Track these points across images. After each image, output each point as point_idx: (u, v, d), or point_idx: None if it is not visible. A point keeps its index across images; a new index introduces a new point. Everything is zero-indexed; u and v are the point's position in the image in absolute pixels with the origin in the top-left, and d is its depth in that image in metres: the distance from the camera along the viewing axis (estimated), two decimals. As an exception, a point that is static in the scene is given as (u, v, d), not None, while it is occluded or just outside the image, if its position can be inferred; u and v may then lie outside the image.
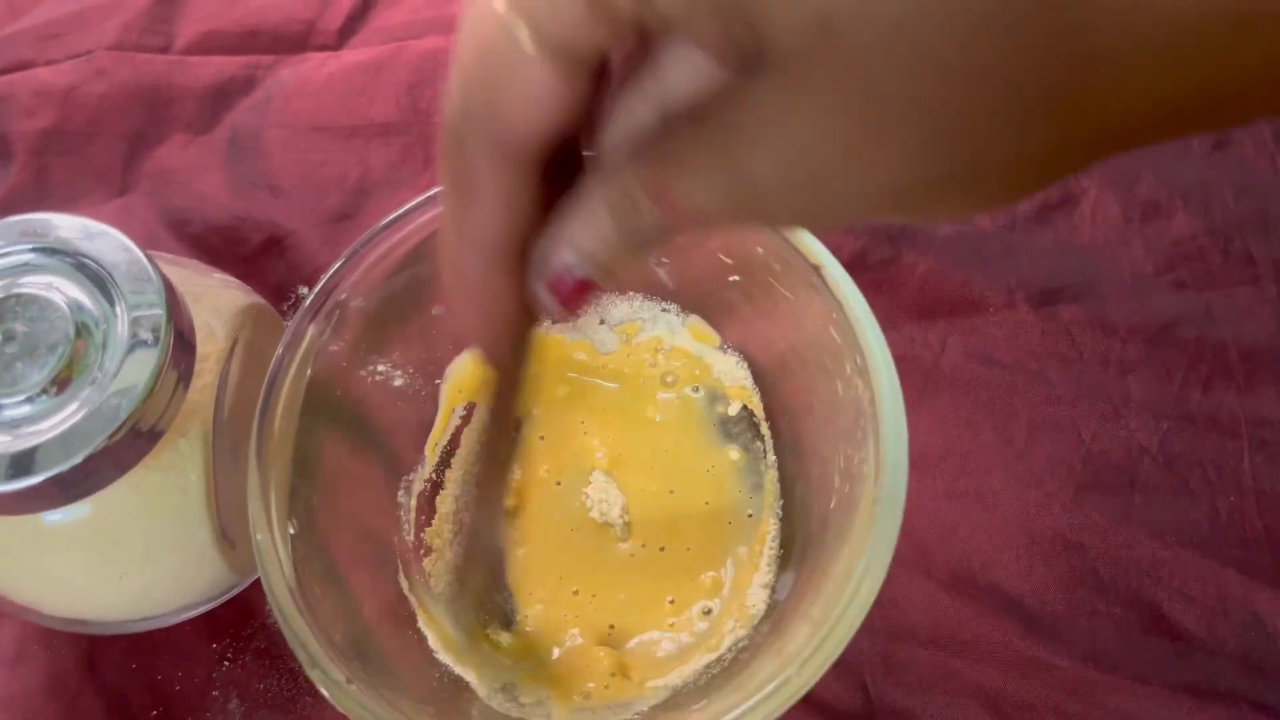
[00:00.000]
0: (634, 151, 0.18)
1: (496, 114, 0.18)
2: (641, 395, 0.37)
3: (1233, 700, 0.32)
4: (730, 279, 0.34)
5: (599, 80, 0.18)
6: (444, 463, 0.37)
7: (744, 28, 0.15)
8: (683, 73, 0.19)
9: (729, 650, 0.32)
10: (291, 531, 0.29)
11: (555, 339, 0.38)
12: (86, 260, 0.28)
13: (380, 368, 0.35)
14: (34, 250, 0.28)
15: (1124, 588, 0.34)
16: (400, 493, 0.36)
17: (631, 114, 0.19)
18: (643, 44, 0.19)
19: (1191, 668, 0.33)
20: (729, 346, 0.37)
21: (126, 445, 0.28)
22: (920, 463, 0.35)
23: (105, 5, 0.48)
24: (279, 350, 0.31)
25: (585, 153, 0.20)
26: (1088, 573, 0.34)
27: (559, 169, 0.19)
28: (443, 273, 0.21)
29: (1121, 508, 0.35)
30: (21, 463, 0.26)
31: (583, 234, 0.19)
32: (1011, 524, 0.35)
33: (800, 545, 0.33)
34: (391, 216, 0.32)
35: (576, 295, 0.20)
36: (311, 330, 0.31)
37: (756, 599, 0.33)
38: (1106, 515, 0.35)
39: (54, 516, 0.29)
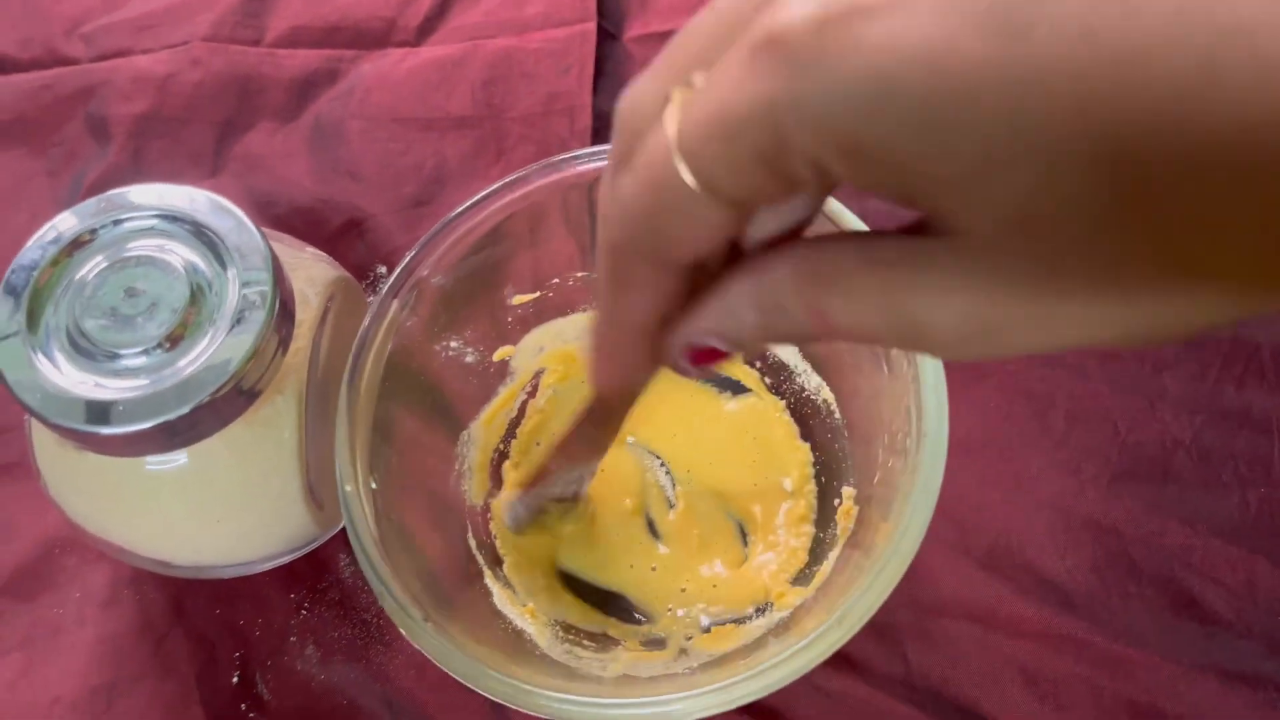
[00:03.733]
0: (784, 256, 0.19)
1: (660, 239, 0.19)
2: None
3: (1259, 682, 0.33)
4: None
5: None
6: (509, 434, 0.39)
7: (927, 203, 0.16)
8: None
9: (779, 617, 0.34)
10: (373, 487, 0.32)
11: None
12: (205, 229, 0.31)
13: (453, 344, 0.37)
14: (158, 216, 0.31)
15: (1156, 572, 0.35)
16: (469, 460, 0.38)
17: (777, 210, 0.19)
18: None
19: (1220, 649, 0.34)
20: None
21: (230, 400, 0.30)
22: (962, 449, 0.36)
23: (198, 0, 0.51)
24: (365, 322, 0.33)
25: None
26: (1121, 556, 0.35)
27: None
28: (593, 342, 0.22)
29: (1155, 496, 0.36)
30: (135, 409, 0.29)
31: (726, 321, 0.20)
32: (1048, 508, 0.37)
33: (849, 519, 0.35)
34: (469, 202, 0.34)
35: (709, 360, 0.21)
36: (395, 305, 0.34)
37: (805, 566, 0.35)
38: (1140, 503, 0.36)
39: (156, 463, 0.32)
